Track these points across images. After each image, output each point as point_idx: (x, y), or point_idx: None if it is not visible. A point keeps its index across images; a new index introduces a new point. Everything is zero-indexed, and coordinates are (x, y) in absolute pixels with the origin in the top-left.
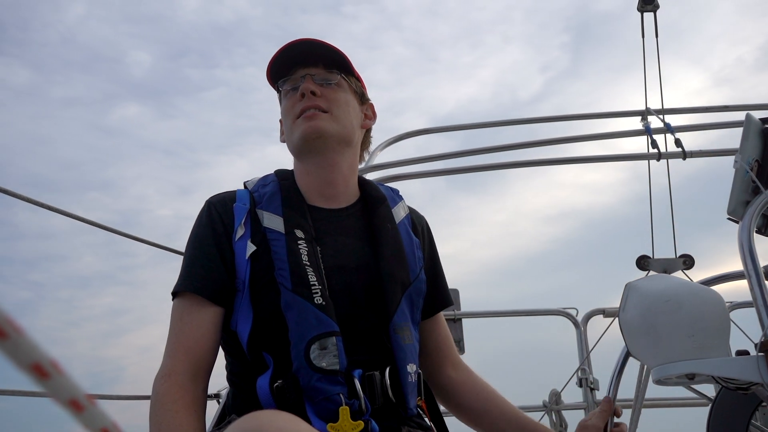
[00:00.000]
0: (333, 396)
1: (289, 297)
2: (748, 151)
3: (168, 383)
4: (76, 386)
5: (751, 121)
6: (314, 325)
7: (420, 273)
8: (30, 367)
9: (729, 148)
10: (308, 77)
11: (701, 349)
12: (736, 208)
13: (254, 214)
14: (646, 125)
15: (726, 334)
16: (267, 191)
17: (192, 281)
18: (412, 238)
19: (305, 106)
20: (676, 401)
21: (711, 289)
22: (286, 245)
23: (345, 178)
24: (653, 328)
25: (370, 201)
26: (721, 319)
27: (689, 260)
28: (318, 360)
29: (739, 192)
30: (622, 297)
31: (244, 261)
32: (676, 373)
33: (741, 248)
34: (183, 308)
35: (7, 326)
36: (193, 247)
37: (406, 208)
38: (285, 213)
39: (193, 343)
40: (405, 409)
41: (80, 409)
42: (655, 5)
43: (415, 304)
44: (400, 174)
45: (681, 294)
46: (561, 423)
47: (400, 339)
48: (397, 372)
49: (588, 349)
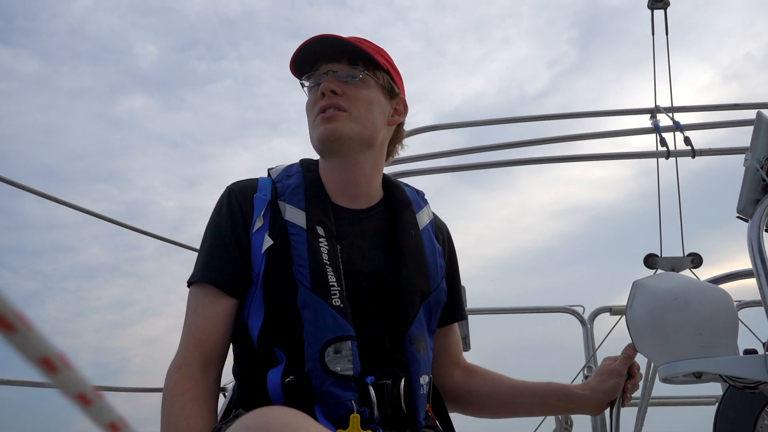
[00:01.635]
0: (345, 402)
1: (306, 296)
2: (758, 150)
3: (178, 374)
4: (84, 380)
5: (762, 119)
6: (331, 328)
7: (441, 282)
8: (39, 361)
9: (739, 147)
10: (330, 74)
11: (709, 348)
12: (745, 207)
13: (275, 205)
14: (655, 123)
15: (734, 332)
16: (291, 183)
17: (208, 271)
18: (435, 246)
19: (324, 105)
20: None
21: (719, 287)
22: (307, 242)
23: (368, 178)
24: (661, 326)
25: (394, 204)
26: (729, 317)
27: (697, 259)
28: (332, 364)
29: (749, 190)
30: (629, 295)
31: (260, 254)
32: (683, 371)
33: (750, 247)
34: (197, 299)
35: (15, 320)
36: (211, 235)
37: (431, 214)
38: (308, 208)
39: (205, 335)
40: (414, 421)
41: (88, 403)
42: (666, 2)
43: (433, 313)
44: (408, 171)
45: (689, 292)
46: (567, 421)
47: (415, 350)
48: (409, 383)
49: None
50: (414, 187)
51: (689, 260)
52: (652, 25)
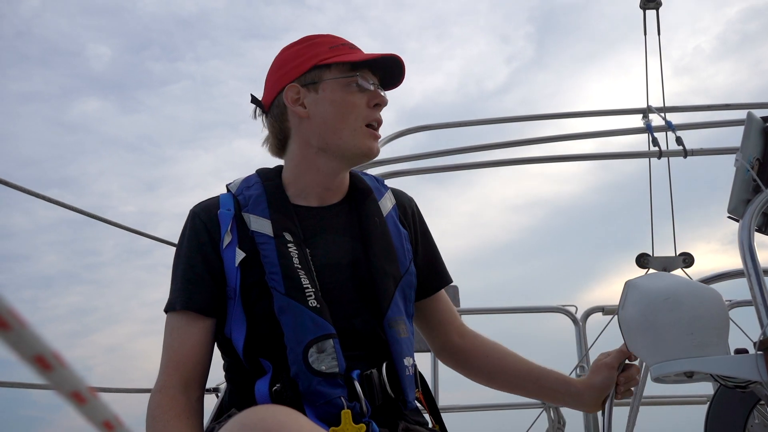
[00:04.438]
0: (334, 399)
1: (282, 301)
2: (749, 150)
3: (159, 397)
4: (79, 378)
5: (753, 119)
6: (311, 329)
7: (410, 266)
8: (33, 359)
9: (730, 147)
10: (384, 91)
11: (700, 347)
12: (736, 207)
13: (240, 218)
14: (647, 123)
15: (725, 332)
16: (252, 194)
17: (181, 299)
18: (400, 231)
19: (378, 119)
20: (674, 399)
21: (710, 287)
22: (276, 249)
23: (342, 179)
24: (652, 325)
25: (356, 194)
26: (721, 317)
27: (689, 258)
28: (317, 363)
29: (740, 190)
30: (621, 295)
31: (234, 268)
32: (675, 371)
33: (741, 247)
34: (173, 324)
35: (10, 318)
36: (180, 261)
37: (393, 198)
38: (272, 216)
39: (184, 357)
40: (404, 403)
41: (83, 402)
42: (658, 2)
43: (407, 297)
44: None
45: (680, 292)
46: (559, 420)
47: (395, 333)
48: (394, 366)
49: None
50: (372, 175)
51: (681, 260)
52: (644, 25)
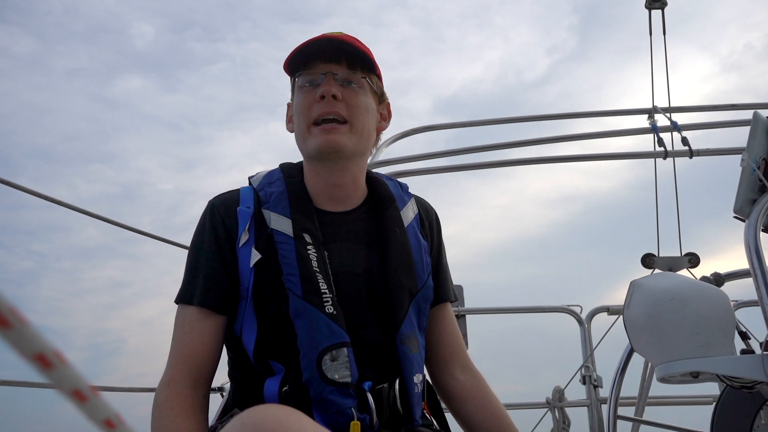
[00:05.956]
0: (345, 410)
1: (299, 304)
2: (755, 150)
3: (167, 391)
4: (80, 377)
5: (759, 119)
6: (326, 336)
7: (428, 279)
8: (33, 357)
9: (736, 147)
10: (329, 76)
11: (706, 348)
12: (742, 207)
13: (259, 214)
14: (652, 123)
15: (731, 332)
16: (273, 191)
17: (194, 293)
18: (420, 242)
19: (324, 112)
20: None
21: (716, 287)
22: (296, 250)
23: (355, 181)
24: (658, 325)
25: (378, 201)
26: (726, 317)
27: (695, 258)
28: (330, 372)
29: (746, 190)
30: (626, 294)
31: (248, 269)
32: (681, 371)
33: (747, 246)
34: (184, 318)
35: (10, 316)
36: (196, 253)
37: (415, 207)
38: (293, 215)
39: (194, 353)
40: (411, 421)
41: (84, 400)
42: (663, 2)
43: (422, 311)
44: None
45: (686, 292)
46: (564, 420)
47: (407, 349)
48: (404, 383)
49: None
50: (397, 180)
51: (686, 260)
52: (650, 25)
